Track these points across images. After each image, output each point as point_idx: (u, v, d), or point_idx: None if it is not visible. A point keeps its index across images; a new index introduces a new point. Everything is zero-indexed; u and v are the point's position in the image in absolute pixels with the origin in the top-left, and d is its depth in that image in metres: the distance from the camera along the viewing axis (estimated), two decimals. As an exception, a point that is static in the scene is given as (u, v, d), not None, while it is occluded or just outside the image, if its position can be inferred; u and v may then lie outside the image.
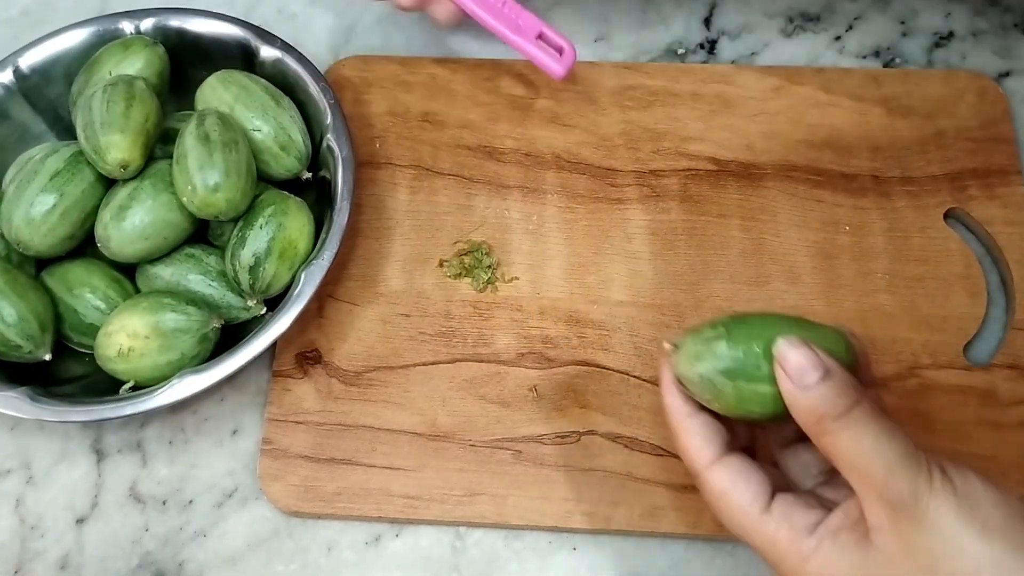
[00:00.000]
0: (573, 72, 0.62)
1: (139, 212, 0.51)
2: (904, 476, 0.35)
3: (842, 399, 0.36)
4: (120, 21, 0.59)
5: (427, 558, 0.51)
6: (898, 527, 0.35)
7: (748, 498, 0.38)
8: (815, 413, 0.36)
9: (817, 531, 0.37)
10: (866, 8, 0.65)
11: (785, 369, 0.37)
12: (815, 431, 0.36)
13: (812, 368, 0.36)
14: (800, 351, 0.37)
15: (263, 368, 0.56)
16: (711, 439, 0.40)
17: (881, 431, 0.35)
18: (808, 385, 0.36)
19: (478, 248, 0.57)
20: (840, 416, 0.36)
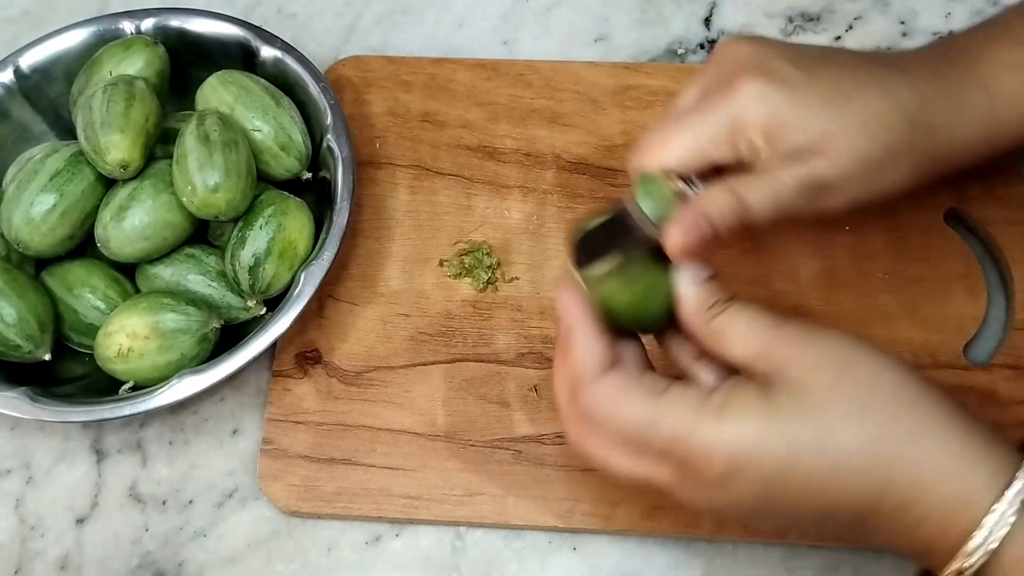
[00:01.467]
0: (574, 72, 0.62)
1: (139, 212, 0.51)
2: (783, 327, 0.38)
3: (725, 292, 0.40)
4: (120, 21, 0.59)
5: (427, 558, 0.51)
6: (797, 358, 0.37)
7: (642, 394, 0.38)
8: (706, 304, 0.39)
9: (720, 389, 0.38)
10: (866, 8, 0.65)
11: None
12: (703, 321, 0.39)
13: (705, 268, 0.40)
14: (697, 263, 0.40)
15: (263, 368, 0.56)
16: (601, 351, 0.39)
17: (751, 312, 0.39)
18: (703, 280, 0.40)
19: (478, 248, 0.57)
20: (724, 303, 0.39)
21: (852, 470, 0.36)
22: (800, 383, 0.36)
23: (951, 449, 0.36)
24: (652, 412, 0.37)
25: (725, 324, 0.39)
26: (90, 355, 0.52)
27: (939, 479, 0.36)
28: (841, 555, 0.50)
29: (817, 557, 0.50)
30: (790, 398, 0.36)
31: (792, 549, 0.50)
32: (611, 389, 0.38)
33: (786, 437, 0.36)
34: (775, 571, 0.50)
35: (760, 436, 0.36)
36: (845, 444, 0.36)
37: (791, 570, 0.50)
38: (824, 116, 0.41)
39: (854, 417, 0.36)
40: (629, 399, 0.38)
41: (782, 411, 0.36)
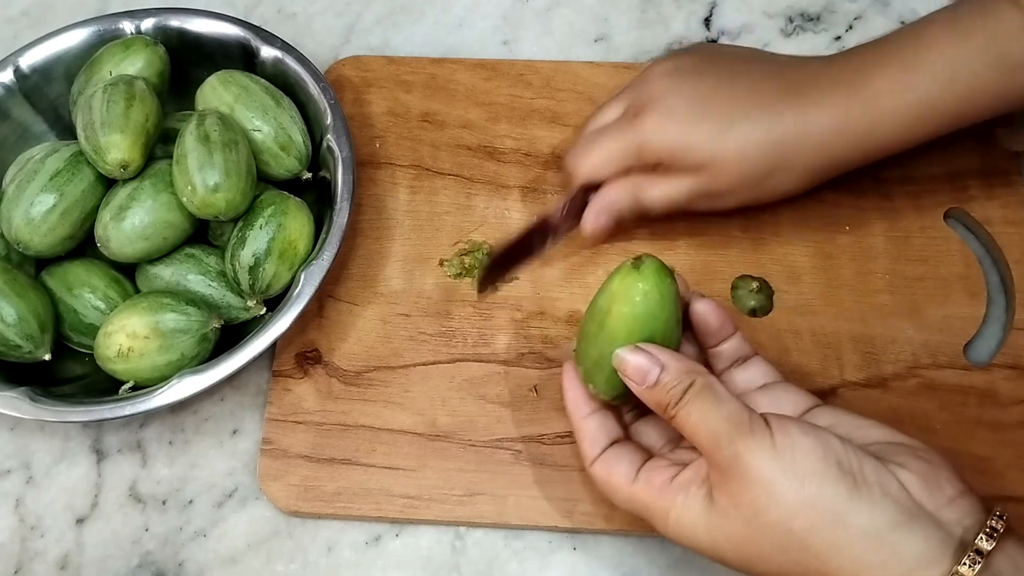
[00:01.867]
0: (574, 72, 0.62)
1: (139, 212, 0.51)
2: (727, 440, 0.39)
3: (679, 387, 0.41)
4: (120, 21, 0.59)
5: (427, 558, 0.51)
6: (727, 485, 0.40)
7: (620, 478, 0.44)
8: (661, 404, 0.42)
9: (671, 486, 0.42)
10: (866, 8, 0.65)
11: (627, 375, 0.43)
12: (665, 417, 0.42)
13: (650, 369, 0.42)
14: (636, 358, 0.42)
15: (263, 368, 0.56)
16: (598, 439, 0.45)
17: (706, 406, 0.40)
18: (650, 384, 0.42)
19: (478, 248, 0.57)
20: (677, 402, 0.41)
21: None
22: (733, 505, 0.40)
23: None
24: (624, 498, 0.44)
25: (680, 421, 0.41)
26: (90, 355, 0.52)
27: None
28: (841, 555, 0.50)
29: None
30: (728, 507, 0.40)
31: (792, 549, 0.50)
32: (597, 476, 0.45)
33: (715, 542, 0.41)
34: (775, 571, 0.50)
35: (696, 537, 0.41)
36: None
37: None
38: (710, 145, 0.51)
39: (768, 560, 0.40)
40: (611, 485, 0.44)
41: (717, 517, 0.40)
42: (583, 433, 0.46)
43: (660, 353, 0.42)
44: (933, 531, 0.37)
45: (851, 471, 0.38)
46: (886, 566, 0.37)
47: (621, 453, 0.45)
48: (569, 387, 0.47)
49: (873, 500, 0.37)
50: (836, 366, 0.53)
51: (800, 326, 0.54)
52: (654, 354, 0.42)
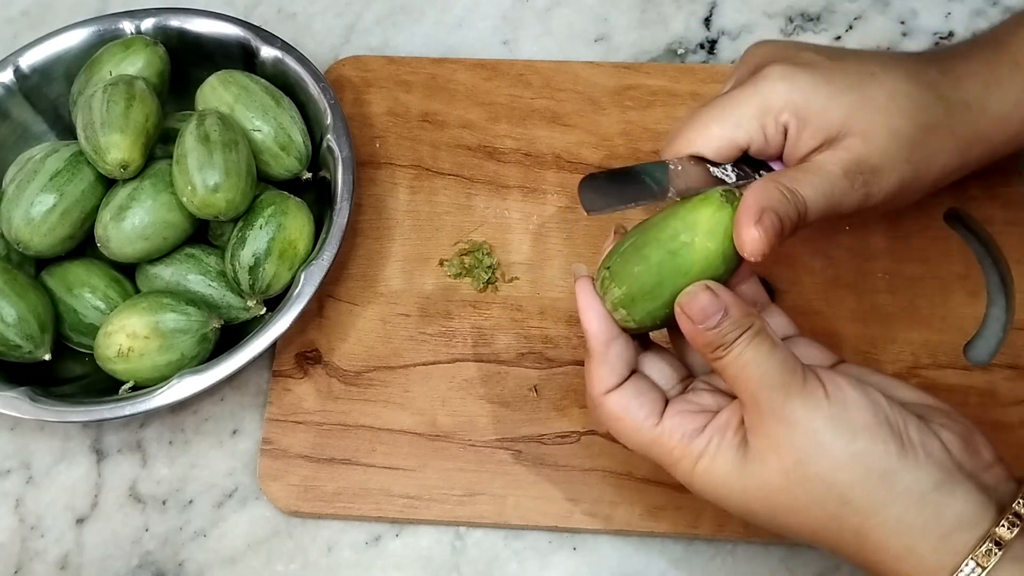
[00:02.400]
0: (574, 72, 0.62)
1: (139, 212, 0.51)
2: (777, 383, 0.38)
3: (733, 332, 0.38)
4: (120, 21, 0.59)
5: (427, 558, 0.51)
6: (767, 428, 0.38)
7: (641, 417, 0.41)
8: (711, 344, 0.39)
9: (704, 432, 0.40)
10: (866, 8, 0.65)
11: (689, 315, 0.39)
12: (710, 356, 0.39)
13: (714, 313, 0.39)
14: (705, 297, 0.39)
15: (263, 368, 0.56)
16: (616, 368, 0.42)
17: (760, 349, 0.38)
18: (711, 326, 0.39)
19: (479, 248, 0.57)
20: (731, 344, 0.38)
21: (807, 539, 0.40)
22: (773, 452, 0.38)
23: (900, 547, 0.37)
24: (643, 441, 0.41)
25: (728, 363, 0.39)
26: (90, 355, 0.52)
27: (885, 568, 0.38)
28: (841, 555, 0.50)
29: (817, 557, 0.50)
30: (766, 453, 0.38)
31: (792, 549, 0.50)
32: (612, 409, 0.42)
33: (746, 491, 0.39)
34: (775, 571, 0.50)
35: (726, 487, 0.40)
36: (796, 532, 0.40)
37: (791, 570, 0.50)
38: (852, 95, 0.42)
39: (800, 513, 0.39)
40: (625, 423, 0.41)
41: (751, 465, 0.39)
42: (603, 358, 0.42)
43: (725, 295, 0.39)
44: (974, 494, 0.37)
45: (899, 430, 0.38)
46: (927, 526, 0.37)
47: (641, 390, 0.42)
48: (589, 308, 0.42)
49: (918, 460, 0.37)
50: (836, 366, 0.53)
51: (800, 326, 0.54)
52: (722, 296, 0.39)
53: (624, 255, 0.42)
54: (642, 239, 0.41)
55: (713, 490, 0.40)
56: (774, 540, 0.50)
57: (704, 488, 0.40)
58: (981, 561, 0.36)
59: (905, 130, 0.43)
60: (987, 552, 0.36)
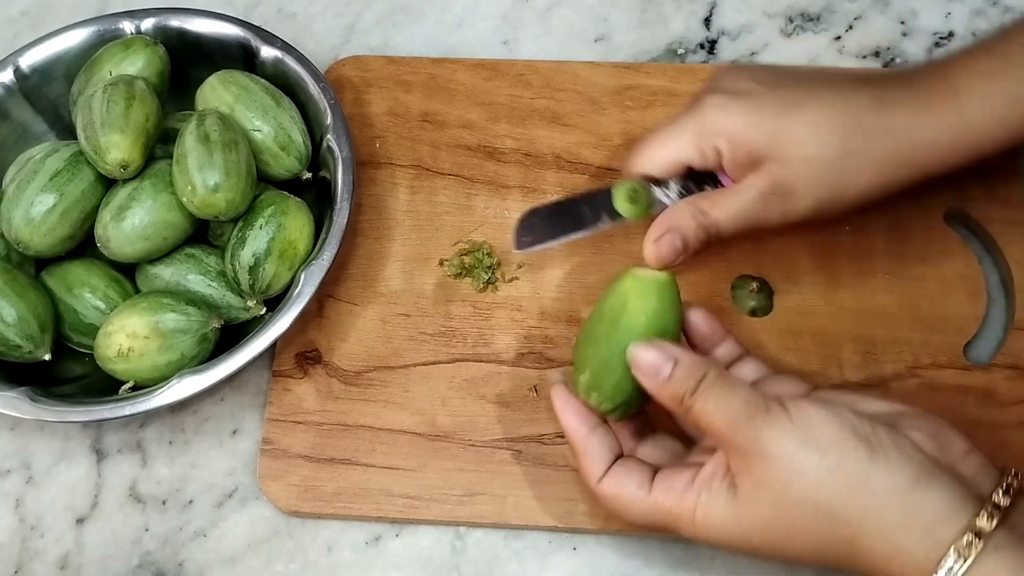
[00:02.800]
0: (574, 72, 0.62)
1: (139, 212, 0.51)
2: (746, 422, 0.40)
3: (691, 379, 0.41)
4: (120, 21, 0.59)
5: (427, 558, 0.51)
6: (750, 468, 0.40)
7: (633, 491, 0.43)
8: (675, 397, 0.42)
9: (694, 486, 0.42)
10: (866, 8, 0.65)
11: (641, 371, 0.42)
12: (680, 411, 0.42)
13: (663, 363, 0.42)
14: (651, 353, 0.42)
15: (263, 368, 0.56)
16: (601, 456, 0.45)
17: (722, 393, 0.41)
18: (664, 377, 0.41)
19: (479, 248, 0.57)
20: (693, 392, 0.41)
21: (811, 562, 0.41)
22: (758, 488, 0.40)
23: (888, 547, 0.39)
24: (642, 511, 0.44)
25: (696, 412, 0.41)
26: (90, 355, 0.52)
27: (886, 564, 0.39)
28: (841, 555, 0.50)
29: (817, 557, 0.50)
30: (752, 491, 0.40)
31: (792, 549, 0.50)
32: (608, 493, 0.44)
33: (744, 531, 0.41)
34: (775, 571, 0.50)
35: (726, 529, 0.41)
36: (799, 558, 0.41)
37: (791, 570, 0.50)
38: (776, 122, 0.47)
39: (798, 540, 0.40)
40: (622, 500, 0.44)
41: (743, 506, 0.41)
42: (585, 451, 0.45)
43: (672, 348, 0.42)
44: (952, 486, 0.38)
45: (866, 437, 0.39)
46: (908, 524, 0.38)
47: (629, 467, 0.45)
48: (565, 407, 0.46)
49: (890, 461, 0.38)
50: (836, 366, 0.53)
51: (800, 326, 0.54)
52: (667, 349, 0.42)
53: (581, 342, 0.46)
54: (591, 321, 0.46)
55: (716, 536, 0.42)
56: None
57: (708, 536, 0.42)
58: (963, 552, 0.37)
59: (822, 156, 0.46)
60: (968, 544, 0.37)
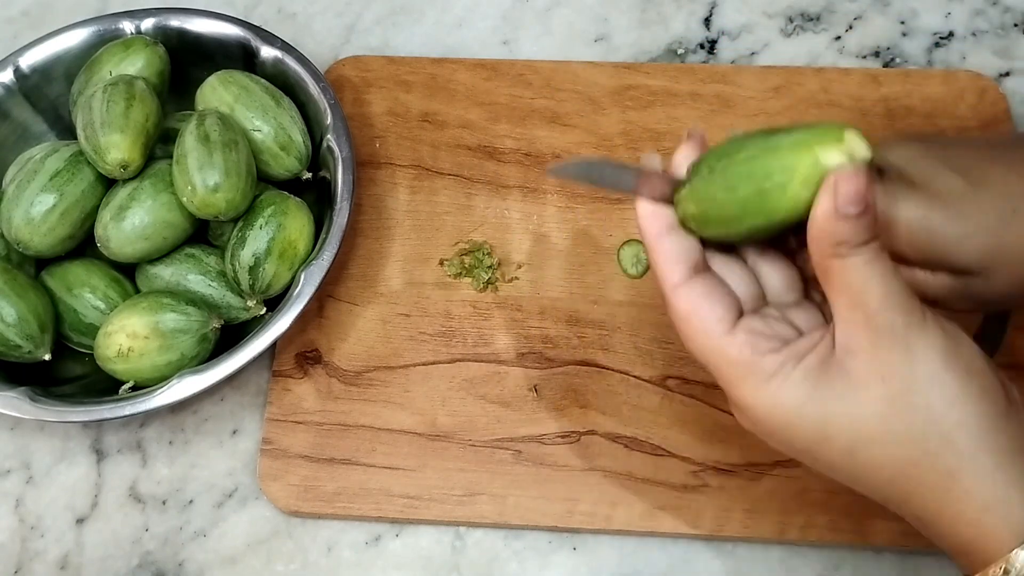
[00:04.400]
0: (574, 72, 0.62)
1: (139, 212, 0.51)
2: (900, 307, 0.35)
3: (866, 233, 0.35)
4: (120, 21, 0.59)
5: (427, 558, 0.51)
6: (880, 352, 0.35)
7: (713, 319, 0.37)
8: (837, 238, 0.35)
9: (782, 352, 0.37)
10: (866, 8, 0.65)
11: (842, 192, 0.34)
12: (827, 252, 0.35)
13: (860, 201, 0.35)
14: (856, 182, 0.34)
15: (263, 368, 0.56)
16: (681, 259, 0.38)
17: (887, 267, 0.35)
18: (847, 215, 0.35)
19: (479, 248, 0.57)
20: (857, 245, 0.35)
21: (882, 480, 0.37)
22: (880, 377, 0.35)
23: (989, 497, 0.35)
24: (709, 347, 0.38)
25: (850, 268, 0.35)
26: (90, 355, 0.52)
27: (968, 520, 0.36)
28: (841, 555, 0.50)
29: (817, 557, 0.50)
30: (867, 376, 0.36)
31: (792, 549, 0.50)
32: (681, 307, 0.38)
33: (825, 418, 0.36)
34: (775, 571, 0.50)
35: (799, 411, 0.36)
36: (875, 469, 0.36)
37: (791, 570, 0.50)
38: (989, 239, 0.40)
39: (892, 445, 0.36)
40: (693, 325, 0.38)
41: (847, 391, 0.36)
42: (662, 251, 0.38)
43: (872, 191, 0.35)
44: None
45: (1006, 386, 0.36)
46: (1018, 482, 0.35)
47: (715, 289, 0.38)
48: (647, 197, 0.39)
49: (1021, 419, 0.36)
50: (836, 366, 0.53)
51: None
52: (870, 191, 0.35)
53: (710, 178, 0.38)
54: (733, 168, 0.38)
55: (779, 416, 0.36)
56: (774, 540, 0.50)
57: (769, 413, 0.37)
58: None
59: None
60: None
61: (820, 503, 0.50)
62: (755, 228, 0.37)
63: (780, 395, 0.36)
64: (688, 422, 0.52)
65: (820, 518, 0.50)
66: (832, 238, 0.35)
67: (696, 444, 0.51)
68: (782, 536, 0.50)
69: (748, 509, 0.50)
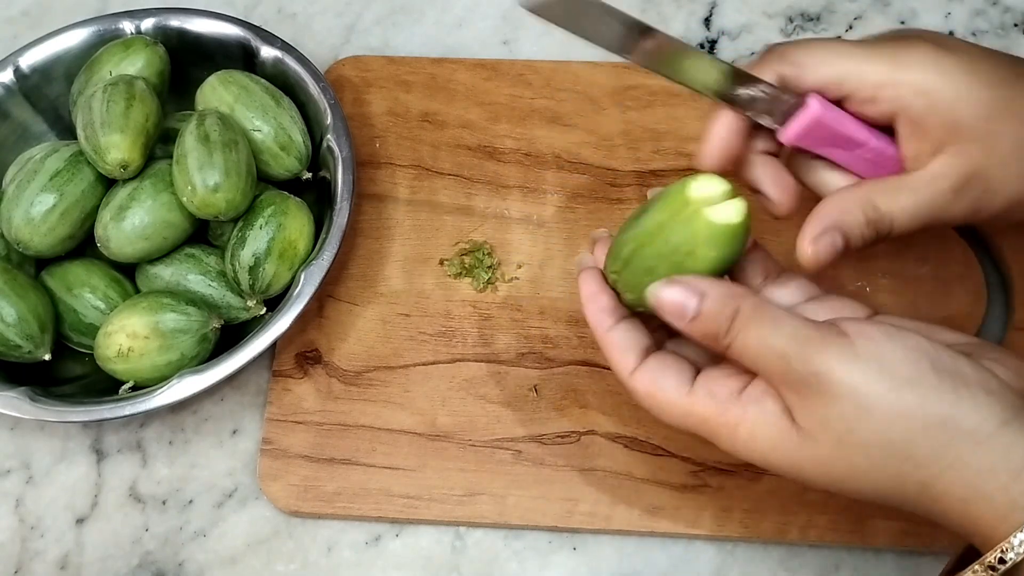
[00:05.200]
0: (574, 72, 0.62)
1: (139, 212, 0.51)
2: (799, 359, 0.35)
3: (723, 315, 0.36)
4: (120, 21, 0.59)
5: (427, 558, 0.51)
6: (808, 406, 0.36)
7: (672, 388, 0.39)
8: (708, 336, 0.37)
9: (741, 398, 0.38)
10: (866, 8, 0.65)
11: (665, 311, 0.38)
12: (717, 349, 0.38)
13: (687, 301, 0.37)
14: (671, 291, 0.37)
15: (263, 368, 0.56)
16: (630, 348, 0.40)
17: (762, 327, 0.36)
18: (691, 317, 0.37)
19: (479, 248, 0.57)
20: (728, 331, 0.36)
21: (874, 497, 0.37)
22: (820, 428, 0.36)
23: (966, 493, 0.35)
24: (678, 414, 0.39)
25: (737, 351, 0.37)
26: (90, 355, 0.52)
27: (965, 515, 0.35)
28: (841, 555, 0.50)
29: (817, 557, 0.50)
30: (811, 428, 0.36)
31: (792, 549, 0.50)
32: (641, 389, 0.40)
33: (798, 466, 0.37)
34: (775, 571, 0.50)
35: (775, 455, 0.37)
36: (860, 494, 0.37)
37: (791, 570, 0.50)
38: (993, 92, 0.38)
39: (862, 479, 0.36)
40: (657, 399, 0.39)
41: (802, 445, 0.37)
42: (610, 345, 0.40)
43: (698, 281, 0.37)
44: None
45: (949, 371, 0.35)
46: (995, 467, 0.34)
47: (665, 363, 0.40)
48: (589, 295, 0.41)
49: (977, 400, 0.34)
50: (836, 366, 0.53)
51: (800, 326, 0.54)
52: (692, 283, 0.37)
53: (628, 270, 0.41)
54: (643, 253, 0.40)
55: (759, 457, 0.38)
56: (773, 540, 0.50)
57: (750, 456, 0.38)
58: None
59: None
60: None
61: (820, 503, 0.50)
62: None
63: (753, 439, 0.37)
64: (688, 422, 0.52)
65: (820, 518, 0.50)
66: (707, 341, 0.37)
67: (696, 444, 0.51)
68: (782, 536, 0.50)
69: (748, 509, 0.50)
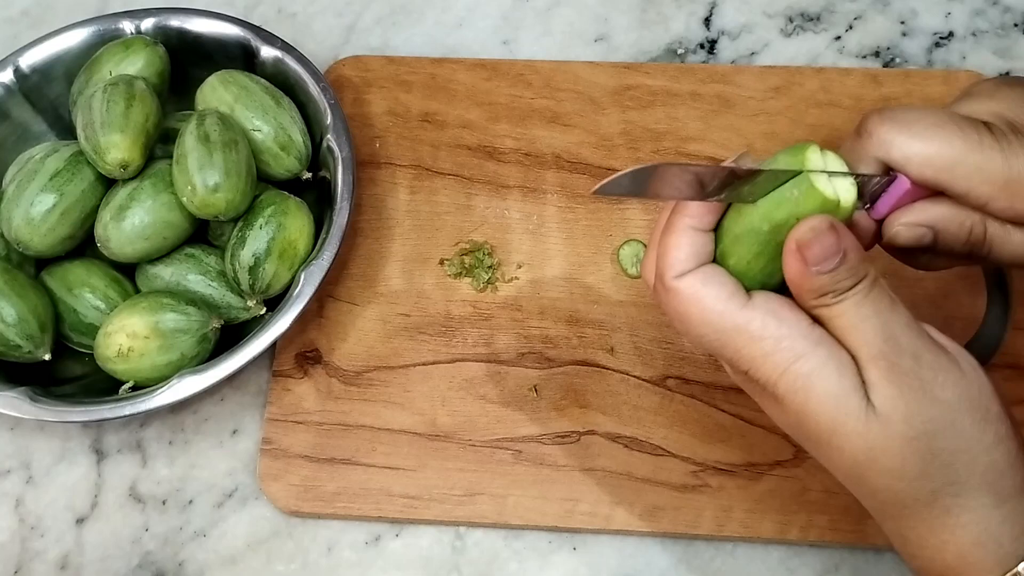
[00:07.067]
0: (574, 72, 0.62)
1: (139, 212, 0.51)
2: (907, 350, 0.34)
3: (848, 279, 0.34)
4: (120, 21, 0.59)
5: (427, 558, 0.51)
6: (901, 393, 0.34)
7: (725, 297, 0.35)
8: (816, 292, 0.34)
9: (815, 332, 0.34)
10: (866, 8, 0.65)
11: (806, 255, 0.34)
12: (810, 304, 0.35)
13: (832, 255, 0.33)
14: (826, 240, 0.33)
15: (263, 368, 0.56)
16: (694, 254, 0.36)
17: (880, 304, 0.34)
18: (823, 270, 0.34)
19: (479, 248, 0.57)
20: (842, 292, 0.34)
21: (875, 499, 0.37)
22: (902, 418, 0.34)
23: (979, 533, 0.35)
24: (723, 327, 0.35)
25: (840, 314, 0.34)
26: (90, 355, 0.52)
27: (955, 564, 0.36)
28: (841, 555, 0.50)
29: (817, 557, 0.50)
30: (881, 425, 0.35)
31: (792, 549, 0.50)
32: (686, 292, 0.35)
33: (839, 441, 0.35)
34: (775, 571, 0.50)
35: (817, 413, 0.35)
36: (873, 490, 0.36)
37: (791, 570, 0.50)
38: None
39: (899, 480, 0.35)
40: (703, 305, 0.35)
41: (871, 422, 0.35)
42: (675, 236, 0.36)
43: (847, 237, 0.34)
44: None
45: (1015, 428, 0.36)
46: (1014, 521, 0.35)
47: (723, 274, 0.36)
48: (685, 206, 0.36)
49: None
50: (836, 366, 0.53)
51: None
52: (842, 237, 0.34)
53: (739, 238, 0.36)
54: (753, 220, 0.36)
55: (801, 405, 0.34)
56: (774, 540, 0.50)
57: (790, 397, 0.34)
58: None
59: None
60: None
61: (820, 503, 0.50)
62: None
63: (803, 384, 0.34)
64: (688, 422, 0.52)
65: (820, 518, 0.50)
66: (809, 294, 0.34)
67: (696, 444, 0.51)
68: (782, 536, 0.50)
69: (748, 509, 0.50)
